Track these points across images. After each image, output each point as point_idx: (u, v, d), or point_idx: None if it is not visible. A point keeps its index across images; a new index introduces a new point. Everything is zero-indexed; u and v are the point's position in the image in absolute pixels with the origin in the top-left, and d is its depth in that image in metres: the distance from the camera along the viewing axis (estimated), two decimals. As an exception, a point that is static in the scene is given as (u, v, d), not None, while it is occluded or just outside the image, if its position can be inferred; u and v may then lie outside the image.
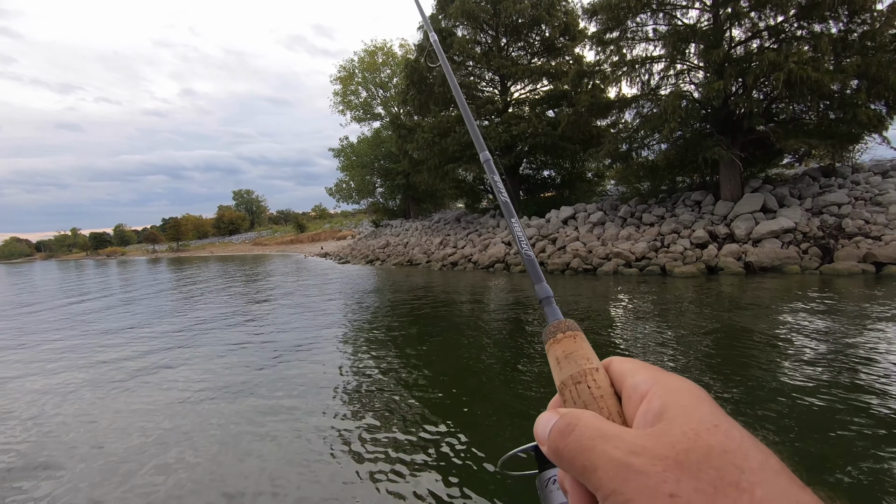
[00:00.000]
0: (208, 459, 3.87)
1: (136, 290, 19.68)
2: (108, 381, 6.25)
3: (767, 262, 11.68)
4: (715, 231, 13.35)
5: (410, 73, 21.91)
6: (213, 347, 7.76)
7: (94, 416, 5.02)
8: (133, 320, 11.45)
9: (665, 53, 13.67)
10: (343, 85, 34.55)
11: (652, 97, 14.22)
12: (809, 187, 14.07)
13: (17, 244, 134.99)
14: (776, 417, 3.89)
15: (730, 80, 11.20)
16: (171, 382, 6.00)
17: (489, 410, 4.47)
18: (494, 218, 22.45)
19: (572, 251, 15.28)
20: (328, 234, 57.06)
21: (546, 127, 18.96)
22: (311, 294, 13.97)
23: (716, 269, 12.07)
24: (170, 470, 3.73)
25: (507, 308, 9.96)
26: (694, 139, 13.26)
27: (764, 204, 13.31)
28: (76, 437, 4.53)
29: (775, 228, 12.30)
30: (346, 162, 35.68)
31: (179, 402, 5.26)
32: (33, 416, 5.19)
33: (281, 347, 7.43)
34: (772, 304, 8.19)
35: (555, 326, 0.47)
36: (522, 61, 22.10)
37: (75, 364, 7.36)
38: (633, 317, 8.27)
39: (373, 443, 3.97)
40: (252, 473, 3.59)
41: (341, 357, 6.76)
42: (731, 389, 4.54)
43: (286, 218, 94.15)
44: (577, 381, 0.42)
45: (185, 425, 4.60)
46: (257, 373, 6.16)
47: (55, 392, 5.97)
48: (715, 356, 5.61)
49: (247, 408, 4.92)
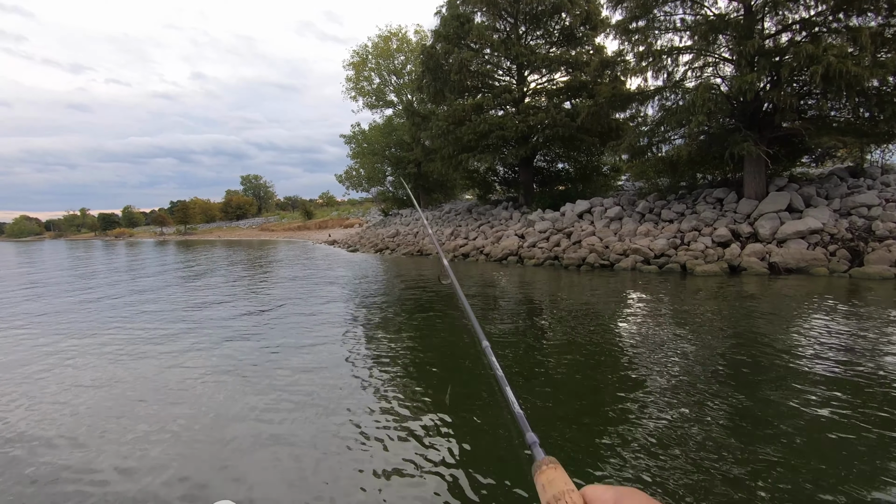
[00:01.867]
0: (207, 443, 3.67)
1: (146, 272, 19.60)
2: (113, 356, 6.07)
3: (793, 263, 11.33)
4: (738, 230, 12.98)
5: (426, 59, 21.47)
6: (231, 330, 7.58)
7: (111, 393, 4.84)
8: (144, 302, 11.31)
9: (693, 44, 13.20)
10: (356, 71, 34.08)
11: (677, 89, 13.77)
12: (837, 187, 13.63)
13: (27, 223, 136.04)
14: (789, 433, 3.58)
15: (763, 72, 10.76)
16: (184, 365, 5.81)
17: (491, 404, 4.23)
18: (507, 210, 22.11)
19: (588, 246, 14.96)
20: (335, 222, 56.96)
21: (564, 118, 18.53)
22: (324, 281, 13.78)
23: (738, 268, 11.73)
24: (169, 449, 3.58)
25: (521, 302, 9.71)
26: (719, 134, 12.84)
27: (790, 203, 12.90)
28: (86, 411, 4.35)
29: (802, 229, 11.91)
30: (357, 149, 35.31)
31: (182, 389, 5.06)
32: (37, 392, 5.02)
33: (299, 333, 7.22)
34: (797, 307, 7.86)
35: (540, 462, 0.63)
36: (541, 50, 21.58)
37: (82, 350, 7.20)
38: (650, 314, 7.97)
39: (372, 430, 3.75)
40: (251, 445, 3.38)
41: (365, 342, 6.55)
42: (742, 400, 4.24)
43: (294, 204, 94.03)
44: (558, 498, 0.55)
45: (181, 414, 4.41)
46: (279, 352, 5.96)
47: (59, 371, 5.80)
48: (730, 361, 5.29)
49: (259, 389, 4.72)
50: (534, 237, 17.27)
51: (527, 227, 18.68)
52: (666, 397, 4.40)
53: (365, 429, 4.00)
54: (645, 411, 4.13)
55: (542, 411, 4.23)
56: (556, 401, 4.48)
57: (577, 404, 4.44)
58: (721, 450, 3.39)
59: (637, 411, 4.14)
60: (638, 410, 4.15)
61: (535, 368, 5.55)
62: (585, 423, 4.00)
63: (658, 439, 3.59)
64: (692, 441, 3.56)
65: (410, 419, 4.17)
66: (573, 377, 5.18)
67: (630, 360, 5.58)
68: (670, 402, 4.28)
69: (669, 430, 3.73)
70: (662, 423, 3.88)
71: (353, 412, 4.36)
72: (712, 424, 3.81)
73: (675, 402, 4.27)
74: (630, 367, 5.35)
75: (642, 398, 4.40)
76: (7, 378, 5.79)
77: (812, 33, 12.64)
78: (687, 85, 13.88)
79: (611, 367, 5.45)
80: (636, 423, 3.89)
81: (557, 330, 7.35)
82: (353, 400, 4.66)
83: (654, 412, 4.10)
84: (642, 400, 4.36)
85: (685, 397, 4.37)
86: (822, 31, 12.62)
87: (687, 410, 4.09)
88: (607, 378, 5.09)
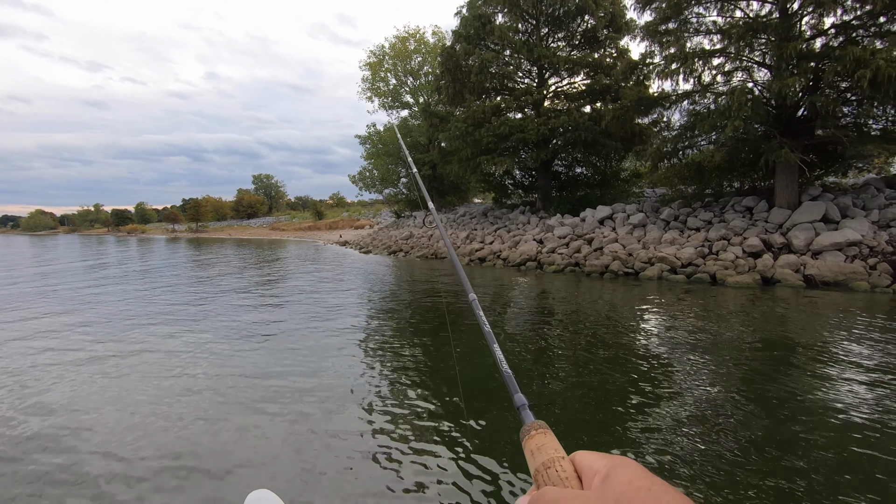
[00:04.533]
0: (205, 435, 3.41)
1: (159, 270, 19.49)
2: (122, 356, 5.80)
3: (830, 276, 10.82)
4: (769, 240, 12.48)
5: (445, 59, 21.18)
6: (253, 330, 7.29)
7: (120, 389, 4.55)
8: (162, 298, 11.09)
9: (726, 47, 12.75)
10: (372, 71, 33.92)
11: (709, 93, 13.31)
12: (874, 198, 13.07)
13: (42, 217, 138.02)
14: (812, 465, 3.20)
15: (805, 76, 10.30)
16: (194, 365, 5.51)
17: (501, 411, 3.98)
18: (525, 214, 21.71)
19: (611, 253, 14.52)
20: (346, 223, 56.80)
21: (588, 122, 18.12)
22: (337, 282, 13.49)
23: (772, 280, 11.24)
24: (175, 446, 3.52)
25: (541, 307, 9.31)
26: (753, 140, 12.36)
27: (825, 213, 12.39)
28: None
29: (840, 240, 11.40)
30: (371, 150, 35.10)
31: (185, 387, 4.76)
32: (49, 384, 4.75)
33: (317, 332, 6.91)
34: (833, 324, 7.36)
35: (529, 426, 0.58)
36: (562, 53, 21.21)
37: (97, 339, 6.95)
38: (675, 325, 7.51)
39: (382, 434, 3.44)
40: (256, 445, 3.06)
41: (380, 345, 6.21)
42: (763, 424, 3.91)
43: (304, 204, 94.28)
44: (548, 466, 0.51)
45: (184, 407, 4.34)
46: (296, 354, 5.64)
47: (69, 363, 5.53)
48: (755, 381, 4.87)
49: (270, 388, 4.40)
50: (553, 242, 16.86)
51: (545, 232, 18.28)
52: (678, 402, 4.31)
53: (376, 426, 3.95)
54: (655, 414, 4.05)
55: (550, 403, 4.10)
56: (567, 407, 4.35)
57: (590, 406, 4.29)
58: (732, 450, 3.33)
59: (648, 417, 4.04)
60: (649, 416, 4.06)
61: (547, 369, 5.42)
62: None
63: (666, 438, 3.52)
64: (704, 448, 3.42)
65: (421, 415, 4.13)
66: (586, 378, 5.01)
67: (649, 366, 5.40)
68: (682, 406, 4.19)
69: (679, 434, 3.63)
70: (671, 424, 3.80)
71: (368, 410, 4.29)
72: (723, 427, 3.72)
73: (686, 408, 4.17)
74: (649, 373, 5.14)
75: (653, 404, 4.30)
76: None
77: (850, 38, 12.17)
78: (719, 89, 13.42)
79: (626, 370, 5.27)
80: (646, 429, 3.79)
81: (575, 332, 6.96)
82: (368, 399, 4.56)
83: (664, 415, 4.01)
84: (653, 406, 4.26)
85: (696, 405, 4.24)
86: (861, 36, 12.15)
87: (697, 422, 3.94)
88: (620, 381, 4.97)
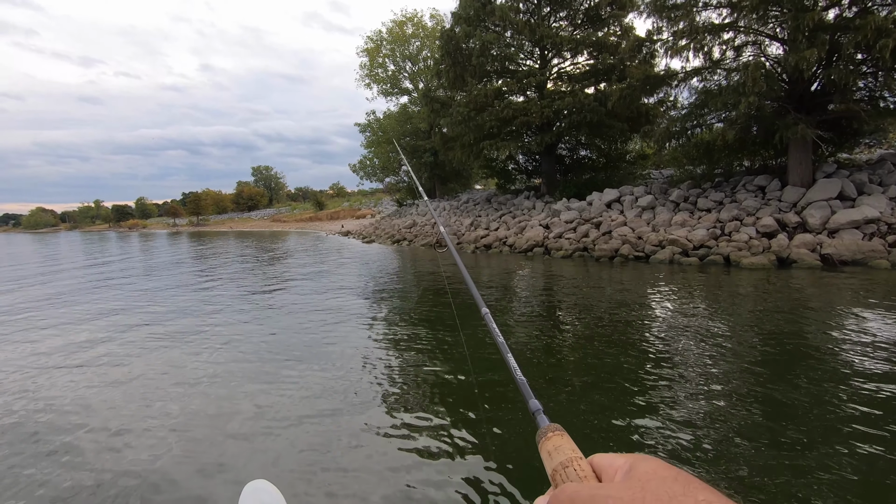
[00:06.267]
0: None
1: (166, 266, 19.30)
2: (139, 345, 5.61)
3: (848, 255, 10.55)
4: (784, 219, 12.18)
5: (445, 42, 20.64)
6: (262, 322, 7.09)
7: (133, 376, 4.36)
8: (173, 294, 10.90)
9: (737, 20, 12.30)
10: (370, 57, 33.25)
11: (720, 69, 12.89)
12: (891, 174, 12.72)
13: (43, 214, 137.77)
14: (825, 459, 2.99)
15: (823, 48, 9.90)
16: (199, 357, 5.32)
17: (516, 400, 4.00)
18: (529, 199, 21.37)
19: (620, 237, 14.26)
20: (347, 213, 56.49)
21: (593, 103, 17.68)
22: (345, 273, 13.27)
23: (787, 260, 10.98)
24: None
25: (552, 294, 9.08)
26: (766, 117, 11.99)
27: (841, 191, 12.07)
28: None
29: (857, 218, 11.11)
30: (371, 138, 34.59)
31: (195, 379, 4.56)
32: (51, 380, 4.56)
33: (327, 323, 6.71)
34: (855, 304, 7.13)
35: (545, 429, 0.58)
36: (564, 32, 20.65)
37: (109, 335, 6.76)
38: (691, 312, 7.23)
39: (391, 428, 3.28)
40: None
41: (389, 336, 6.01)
42: (770, 393, 3.82)
43: (305, 195, 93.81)
44: (566, 465, 0.51)
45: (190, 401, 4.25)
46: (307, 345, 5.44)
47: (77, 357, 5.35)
48: (769, 368, 4.63)
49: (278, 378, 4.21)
50: (560, 228, 16.58)
51: (551, 217, 17.98)
52: (688, 385, 4.21)
53: (385, 421, 3.86)
54: (666, 401, 3.94)
55: (563, 405, 3.97)
56: (575, 394, 4.23)
57: (598, 396, 4.16)
58: (742, 436, 3.22)
59: (659, 402, 3.95)
60: (660, 401, 3.95)
61: (557, 359, 5.23)
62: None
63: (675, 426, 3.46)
64: (714, 429, 3.41)
65: (431, 409, 4.02)
66: (597, 369, 4.85)
67: (660, 350, 5.27)
68: (692, 392, 4.07)
69: (687, 416, 3.59)
70: (680, 410, 3.74)
71: (373, 404, 4.16)
72: (733, 413, 3.61)
73: (696, 392, 4.06)
74: (660, 356, 5.04)
75: (664, 389, 4.20)
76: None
77: (865, 7, 11.71)
78: (730, 65, 12.99)
79: (644, 364, 5.07)
80: (662, 429, 3.62)
81: (587, 323, 6.72)
82: (373, 392, 4.42)
83: (675, 401, 3.92)
84: (664, 391, 4.15)
85: (707, 388, 4.14)
86: (876, 6, 11.70)
87: (706, 402, 3.86)
88: (630, 366, 4.86)
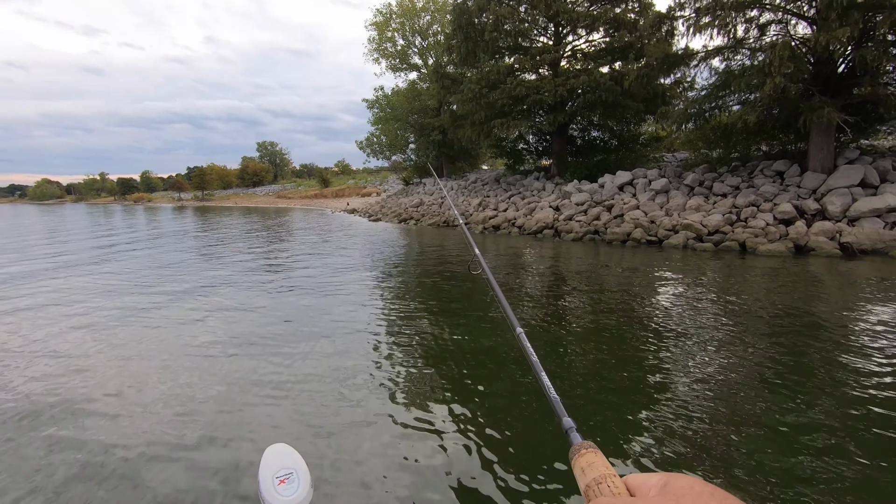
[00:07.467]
0: None
1: (173, 238, 19.25)
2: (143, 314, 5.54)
3: (868, 244, 10.32)
4: (802, 206, 11.90)
5: (457, 16, 20.03)
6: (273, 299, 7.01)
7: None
8: (180, 271, 10.83)
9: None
10: (378, 31, 32.43)
11: (744, 48, 12.42)
12: (915, 161, 12.37)
13: (49, 186, 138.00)
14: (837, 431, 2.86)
15: (856, 27, 9.46)
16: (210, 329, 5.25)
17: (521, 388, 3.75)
18: (539, 180, 21.05)
19: (632, 220, 14.02)
20: (352, 191, 56.17)
21: (608, 82, 17.19)
22: (354, 250, 13.16)
23: (805, 248, 10.76)
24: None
25: (562, 279, 8.94)
26: (791, 100, 11.59)
27: (863, 178, 11.75)
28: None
29: (879, 206, 10.83)
30: (379, 114, 34.02)
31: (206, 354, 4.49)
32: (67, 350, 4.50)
33: (334, 301, 6.62)
34: (873, 296, 6.95)
35: (578, 445, 0.60)
36: (580, 8, 19.97)
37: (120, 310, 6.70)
38: (708, 300, 7.06)
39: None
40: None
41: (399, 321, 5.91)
42: (790, 394, 3.66)
43: (310, 172, 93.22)
44: (599, 482, 0.52)
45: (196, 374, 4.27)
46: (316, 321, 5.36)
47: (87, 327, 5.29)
48: (783, 359, 4.51)
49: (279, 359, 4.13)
50: (570, 210, 16.34)
51: (562, 198, 17.72)
52: (702, 385, 4.05)
53: (390, 413, 3.71)
54: (684, 399, 3.78)
55: (577, 398, 3.87)
56: (591, 386, 4.12)
57: (614, 391, 4.04)
58: (765, 443, 3.06)
59: (676, 400, 3.79)
60: (677, 399, 3.80)
61: (570, 350, 5.05)
62: (626, 415, 3.64)
63: (695, 427, 3.31)
64: (733, 429, 3.27)
65: (438, 401, 3.89)
66: (610, 361, 4.70)
67: (673, 344, 5.08)
68: (708, 390, 3.92)
69: (706, 418, 3.44)
70: (699, 409, 3.59)
71: (380, 392, 4.04)
72: (753, 415, 3.45)
73: (712, 392, 3.90)
74: (672, 351, 4.84)
75: (682, 387, 4.04)
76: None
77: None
78: (753, 45, 12.51)
79: (650, 349, 4.99)
80: (674, 412, 3.56)
81: (602, 314, 6.59)
82: (379, 380, 4.29)
83: (694, 400, 3.75)
84: (681, 389, 4.01)
85: (724, 388, 3.97)
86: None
87: (725, 402, 3.69)
88: (645, 360, 4.70)
